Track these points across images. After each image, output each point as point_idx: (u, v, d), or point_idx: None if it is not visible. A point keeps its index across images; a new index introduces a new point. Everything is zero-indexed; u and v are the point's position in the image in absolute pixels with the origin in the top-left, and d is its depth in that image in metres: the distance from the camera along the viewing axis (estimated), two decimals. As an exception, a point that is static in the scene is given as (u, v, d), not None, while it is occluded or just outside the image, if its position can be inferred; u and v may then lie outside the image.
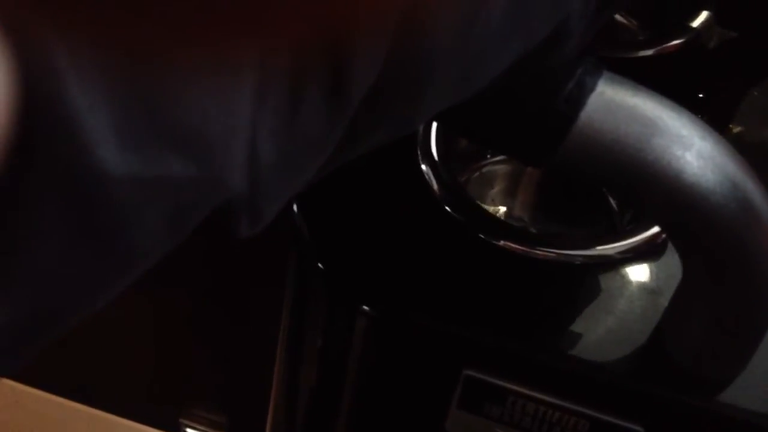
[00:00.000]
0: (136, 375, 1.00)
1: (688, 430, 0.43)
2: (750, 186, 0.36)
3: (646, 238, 0.46)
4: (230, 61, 0.23)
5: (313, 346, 0.50)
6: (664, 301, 0.44)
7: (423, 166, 0.49)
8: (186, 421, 0.99)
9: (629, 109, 0.35)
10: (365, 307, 0.45)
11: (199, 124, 0.22)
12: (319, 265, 0.46)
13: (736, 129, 0.56)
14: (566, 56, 0.34)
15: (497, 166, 0.55)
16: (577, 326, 0.44)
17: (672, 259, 0.46)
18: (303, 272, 0.49)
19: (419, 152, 0.50)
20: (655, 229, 0.46)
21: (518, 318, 0.45)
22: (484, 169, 0.54)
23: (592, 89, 0.35)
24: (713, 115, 0.51)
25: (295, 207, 0.48)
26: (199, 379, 0.98)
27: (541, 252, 0.46)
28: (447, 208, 0.47)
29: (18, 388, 1.04)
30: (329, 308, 0.48)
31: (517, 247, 0.46)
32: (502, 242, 0.46)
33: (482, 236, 0.46)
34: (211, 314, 0.90)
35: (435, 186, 0.48)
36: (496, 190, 0.55)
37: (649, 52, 0.52)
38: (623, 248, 0.46)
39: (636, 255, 0.46)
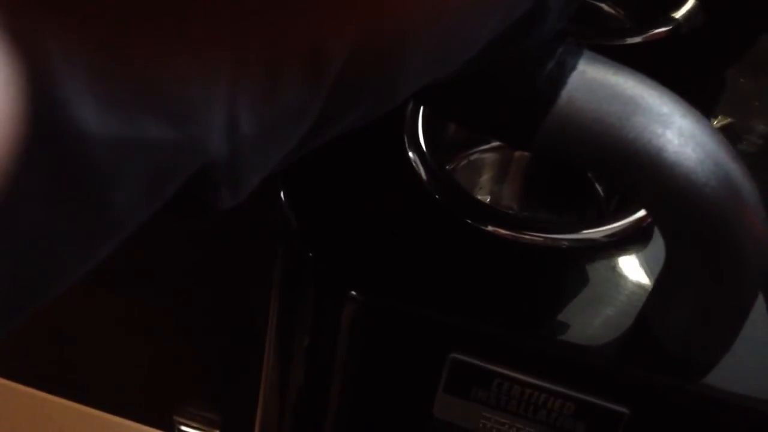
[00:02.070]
0: (129, 373, 1.00)
1: (673, 411, 0.43)
2: (731, 164, 0.36)
3: (631, 221, 0.46)
4: (208, 33, 0.23)
5: (302, 334, 0.50)
6: (650, 285, 0.44)
7: (410, 153, 0.49)
8: (180, 419, 0.99)
9: (610, 88, 0.35)
10: (353, 293, 0.45)
11: (177, 88, 0.22)
12: (308, 252, 0.46)
13: (725, 120, 0.56)
14: (545, 34, 0.34)
15: (485, 154, 0.55)
16: (564, 310, 0.45)
17: (659, 242, 0.46)
18: (291, 261, 0.49)
19: (406, 139, 0.50)
20: (641, 213, 0.47)
21: (505, 302, 0.45)
22: (472, 158, 0.54)
23: (573, 68, 0.35)
24: (701, 102, 0.51)
25: (282, 195, 0.48)
26: (193, 377, 0.98)
27: (527, 236, 0.46)
28: (434, 194, 0.48)
29: (8, 385, 1.04)
30: (317, 295, 0.48)
31: (504, 231, 0.46)
32: (489, 227, 0.46)
33: (469, 221, 0.46)
34: (203, 312, 0.90)
35: (422, 173, 0.48)
36: (485, 178, 0.56)
37: (636, 39, 0.53)
38: (609, 232, 0.46)
39: (622, 238, 0.46)
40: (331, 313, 0.47)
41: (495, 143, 0.55)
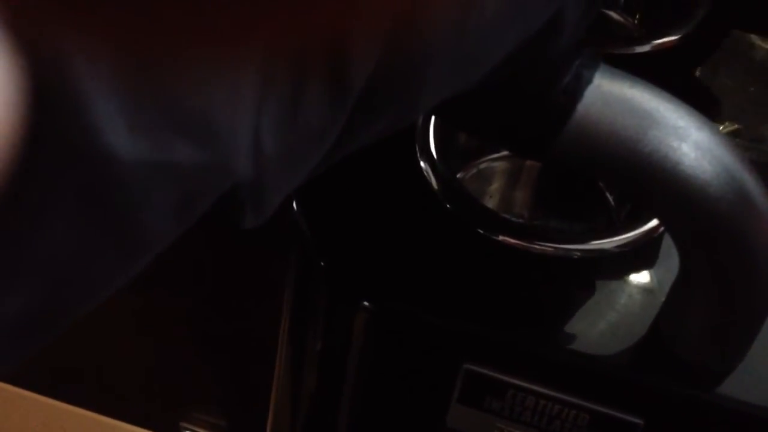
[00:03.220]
0: (135, 379, 1.00)
1: (688, 422, 0.43)
2: (746, 176, 0.36)
3: (643, 232, 0.46)
4: (234, 56, 0.23)
5: (314, 342, 0.50)
6: (662, 295, 0.44)
7: (421, 163, 0.49)
8: (186, 425, 0.99)
9: (626, 101, 0.35)
10: (366, 303, 0.45)
11: (205, 110, 0.23)
12: (320, 261, 0.46)
13: (732, 126, 0.56)
14: (562, 47, 0.34)
15: (495, 163, 0.55)
16: (577, 320, 0.45)
17: (670, 252, 0.46)
18: (304, 269, 0.49)
19: (417, 149, 0.50)
20: (652, 223, 0.47)
21: (518, 312, 0.45)
22: (482, 166, 0.55)
23: (589, 81, 0.35)
24: (709, 109, 0.51)
25: (295, 205, 0.48)
26: (200, 383, 0.98)
27: (539, 246, 0.46)
28: (445, 203, 0.48)
29: (15, 391, 1.04)
30: (330, 304, 0.48)
31: (516, 241, 0.46)
32: (500, 237, 0.46)
33: (481, 231, 0.47)
34: (210, 317, 0.90)
35: (433, 182, 0.48)
36: (494, 187, 0.56)
37: (645, 48, 0.53)
38: (621, 242, 0.46)
39: (633, 249, 0.46)
40: (344, 322, 0.47)
41: (505, 152, 0.55)
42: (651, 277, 0.46)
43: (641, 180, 0.36)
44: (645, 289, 0.45)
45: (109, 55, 0.20)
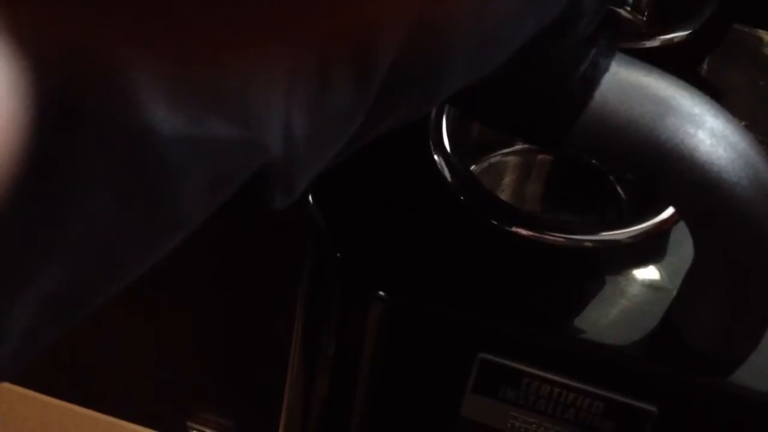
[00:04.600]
0: (142, 378, 1.00)
1: (701, 409, 0.44)
2: (762, 163, 0.37)
3: (656, 223, 0.47)
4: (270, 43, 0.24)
5: (329, 333, 0.51)
6: (675, 286, 0.45)
7: (435, 156, 0.50)
8: (193, 425, 0.99)
9: (642, 89, 0.36)
10: (381, 293, 0.46)
11: (240, 90, 0.23)
12: (336, 253, 0.47)
13: (742, 123, 0.56)
14: (579, 35, 0.35)
15: (507, 157, 0.55)
16: (591, 310, 0.45)
17: (683, 243, 0.46)
18: (318, 262, 0.50)
19: (431, 143, 0.51)
20: (664, 215, 0.47)
21: (533, 302, 0.45)
22: (494, 161, 0.55)
23: (606, 69, 0.36)
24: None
25: (310, 197, 0.49)
26: (206, 382, 0.98)
27: (553, 237, 0.46)
28: (459, 196, 0.48)
29: (21, 392, 1.04)
30: (345, 296, 0.48)
31: (529, 232, 0.47)
32: (514, 228, 0.47)
33: (495, 222, 0.47)
34: (216, 316, 0.91)
35: (447, 175, 0.49)
36: (507, 180, 0.56)
37: (654, 44, 0.53)
38: (633, 233, 0.47)
39: (645, 240, 0.47)
40: (359, 314, 0.47)
41: (517, 146, 0.55)
42: (664, 268, 0.47)
43: (657, 168, 0.36)
44: (658, 280, 0.46)
45: (149, 34, 0.21)
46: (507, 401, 0.46)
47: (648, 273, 0.46)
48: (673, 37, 0.55)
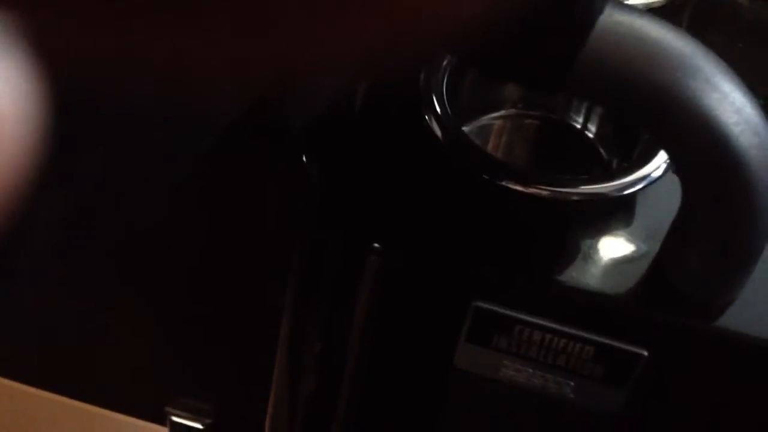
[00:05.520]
0: (118, 364, 0.99)
1: (690, 352, 0.45)
2: (754, 109, 0.38)
3: (642, 176, 0.48)
4: None
5: (323, 290, 0.51)
6: (662, 235, 0.46)
7: (426, 116, 0.51)
8: (172, 410, 0.99)
9: (636, 30, 0.37)
10: (376, 245, 0.46)
11: None
12: (331, 208, 0.48)
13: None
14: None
15: (495, 121, 0.57)
16: (581, 259, 0.46)
17: (670, 196, 0.48)
18: (315, 219, 0.50)
19: (422, 105, 0.52)
20: (646, 169, 0.48)
21: (524, 252, 0.47)
22: (482, 124, 0.56)
23: (600, 11, 0.37)
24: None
25: (304, 158, 0.50)
26: (185, 366, 0.98)
27: (544, 190, 0.47)
28: (450, 152, 0.49)
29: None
30: (340, 249, 0.49)
31: (521, 186, 0.48)
32: (504, 182, 0.48)
33: (486, 177, 0.48)
34: (197, 299, 0.91)
35: (438, 132, 0.50)
36: (494, 144, 0.57)
37: (660, 2, 0.55)
38: (620, 186, 0.48)
39: (630, 193, 0.48)
40: (354, 267, 0.48)
41: (504, 111, 0.57)
42: (652, 219, 0.48)
43: (653, 107, 0.38)
44: (647, 230, 0.47)
45: None
46: (499, 349, 0.47)
47: (638, 224, 0.48)
48: (651, 3, 0.56)
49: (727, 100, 0.38)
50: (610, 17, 0.37)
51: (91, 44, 0.19)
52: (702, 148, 0.39)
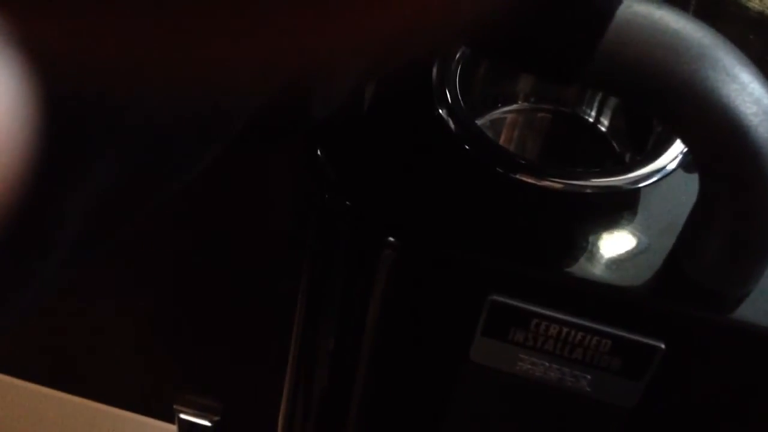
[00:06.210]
0: (127, 362, 0.99)
1: (706, 344, 0.45)
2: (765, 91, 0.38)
3: (656, 168, 0.48)
4: None
5: (337, 284, 0.51)
6: (679, 227, 0.46)
7: (440, 110, 0.51)
8: (180, 407, 0.99)
9: (656, 22, 0.37)
10: (391, 239, 0.46)
11: None
12: (346, 201, 0.48)
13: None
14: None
15: (508, 115, 0.57)
16: (598, 251, 0.46)
17: (686, 188, 0.48)
18: (328, 213, 0.50)
19: (435, 99, 0.52)
20: (665, 160, 0.48)
21: (540, 245, 0.46)
22: (495, 117, 0.56)
23: (620, 2, 0.37)
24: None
25: (319, 152, 0.50)
26: (193, 364, 0.98)
27: (559, 183, 0.47)
28: (464, 145, 0.49)
29: (3, 380, 1.03)
30: (355, 244, 0.49)
31: (535, 179, 0.48)
32: (518, 175, 0.48)
33: (500, 170, 0.48)
34: (203, 298, 0.91)
35: (452, 126, 0.50)
36: (506, 137, 0.57)
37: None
38: (634, 179, 0.48)
39: (644, 185, 0.48)
40: (368, 261, 0.48)
41: (517, 105, 0.57)
42: (666, 212, 0.48)
43: (668, 96, 0.38)
44: (661, 223, 0.47)
45: None
46: (516, 343, 0.47)
47: (652, 216, 0.48)
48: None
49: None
50: (629, 8, 0.37)
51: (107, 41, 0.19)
52: (721, 139, 0.39)
